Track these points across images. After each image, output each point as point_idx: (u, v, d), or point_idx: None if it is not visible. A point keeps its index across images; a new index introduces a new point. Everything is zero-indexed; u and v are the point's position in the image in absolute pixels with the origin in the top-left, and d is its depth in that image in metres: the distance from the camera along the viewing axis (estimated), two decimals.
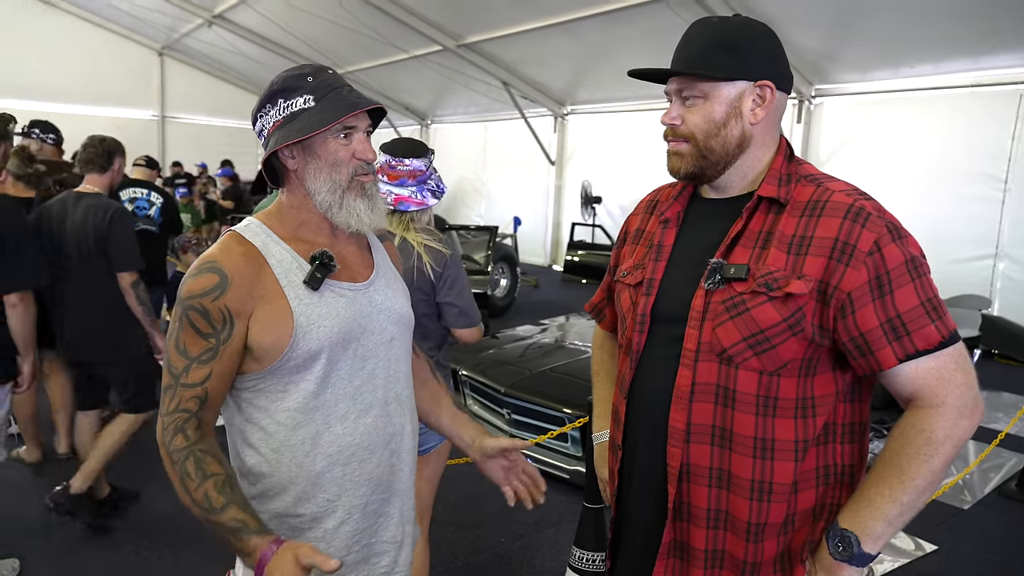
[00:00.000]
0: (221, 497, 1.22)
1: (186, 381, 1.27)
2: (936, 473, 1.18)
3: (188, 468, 1.24)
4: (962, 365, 1.18)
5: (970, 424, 1.18)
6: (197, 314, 1.27)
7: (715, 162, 1.30)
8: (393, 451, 1.44)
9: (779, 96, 1.29)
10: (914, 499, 1.18)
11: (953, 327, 1.19)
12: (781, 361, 1.21)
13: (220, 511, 1.21)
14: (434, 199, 2.35)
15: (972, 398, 1.18)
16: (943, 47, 7.32)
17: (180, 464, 1.24)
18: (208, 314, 1.27)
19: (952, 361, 1.17)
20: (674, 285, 1.34)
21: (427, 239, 2.30)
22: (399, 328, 1.47)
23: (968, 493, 4.02)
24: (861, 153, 8.41)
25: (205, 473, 1.23)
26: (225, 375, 1.30)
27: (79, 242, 3.18)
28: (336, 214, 1.35)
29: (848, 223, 1.18)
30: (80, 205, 3.23)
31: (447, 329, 2.38)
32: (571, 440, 3.87)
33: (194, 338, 1.27)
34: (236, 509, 1.21)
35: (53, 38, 15.06)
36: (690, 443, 1.27)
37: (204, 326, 1.27)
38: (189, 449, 1.25)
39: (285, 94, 1.32)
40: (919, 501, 1.19)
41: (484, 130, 14.47)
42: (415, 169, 2.30)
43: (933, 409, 1.17)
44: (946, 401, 1.17)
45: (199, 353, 1.27)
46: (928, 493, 1.19)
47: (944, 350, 1.17)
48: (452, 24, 10.65)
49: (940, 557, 3.32)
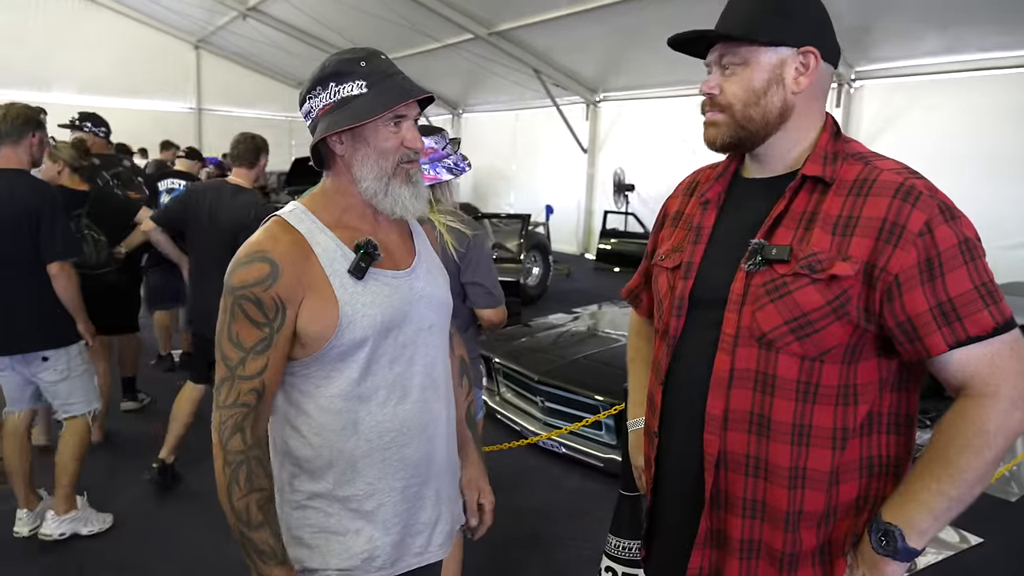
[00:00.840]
0: (261, 515, 1.26)
1: (243, 373, 1.27)
2: (987, 466, 1.12)
3: (239, 475, 1.26)
4: (1018, 353, 1.12)
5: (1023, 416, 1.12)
6: (251, 303, 1.26)
7: (754, 132, 1.25)
8: (430, 437, 1.44)
9: (824, 67, 1.25)
10: (963, 493, 1.13)
11: (1009, 313, 1.13)
12: (825, 346, 1.17)
13: (256, 528, 1.26)
14: (449, 175, 2.36)
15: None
16: (991, 22, 7.03)
17: (233, 468, 1.26)
18: (262, 303, 1.26)
19: (1007, 348, 1.12)
20: (713, 268, 1.30)
21: (451, 220, 2.30)
22: (438, 315, 1.47)
23: (1016, 485, 3.91)
24: (903, 138, 8.15)
25: (253, 486, 1.26)
26: (279, 364, 1.31)
27: (223, 230, 3.38)
28: (381, 201, 1.35)
29: (898, 202, 1.13)
30: (239, 199, 3.54)
31: (473, 312, 2.38)
32: (605, 428, 3.85)
33: (248, 328, 1.27)
34: (269, 533, 1.27)
35: (92, 32, 15.36)
36: (728, 431, 1.24)
37: (258, 316, 1.27)
38: (245, 455, 1.26)
39: (337, 78, 1.31)
40: (968, 495, 1.14)
41: (515, 118, 14.43)
42: (427, 147, 2.32)
43: (985, 399, 1.12)
44: (999, 391, 1.11)
45: (254, 343, 1.27)
46: (979, 487, 1.14)
47: (998, 337, 1.11)
48: (483, 12, 10.62)
49: (986, 550, 3.23)
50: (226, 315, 1.29)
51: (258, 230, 1.35)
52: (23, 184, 2.95)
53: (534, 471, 4.02)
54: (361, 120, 1.28)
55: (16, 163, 2.97)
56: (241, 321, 1.27)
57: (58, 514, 3.12)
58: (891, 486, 1.24)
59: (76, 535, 3.16)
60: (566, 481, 3.90)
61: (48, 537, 3.11)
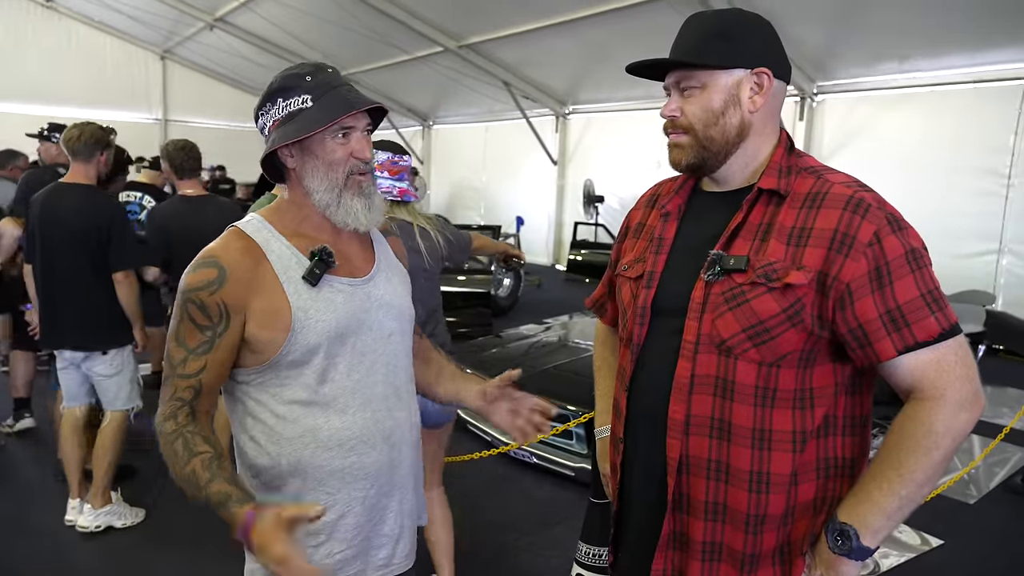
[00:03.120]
0: (206, 473, 1.24)
1: (183, 372, 1.31)
2: (936, 467, 1.17)
3: (177, 447, 1.27)
4: (962, 357, 1.17)
5: (970, 417, 1.17)
6: (195, 307, 1.29)
7: (716, 152, 1.30)
8: (392, 445, 1.45)
9: (777, 84, 1.30)
10: (913, 493, 1.18)
11: (954, 319, 1.18)
12: (780, 352, 1.21)
13: (205, 486, 1.23)
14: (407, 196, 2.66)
15: (972, 391, 1.17)
16: (946, 42, 7.30)
17: (171, 443, 1.28)
18: (205, 307, 1.29)
19: (952, 353, 1.17)
20: (675, 278, 1.34)
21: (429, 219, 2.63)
22: (398, 323, 1.48)
23: (974, 488, 4.01)
24: (864, 150, 8.38)
25: (192, 451, 1.26)
26: (220, 367, 1.32)
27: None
28: (334, 212, 1.37)
29: (848, 214, 1.18)
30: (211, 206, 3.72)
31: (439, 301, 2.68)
32: (576, 438, 3.88)
33: (191, 330, 1.30)
34: (221, 482, 1.23)
35: (56, 42, 15.10)
36: (689, 435, 1.28)
37: (201, 319, 1.29)
38: (178, 431, 1.28)
39: (284, 93, 1.34)
40: (919, 495, 1.18)
41: (485, 130, 14.48)
42: (408, 165, 2.56)
43: (932, 401, 1.16)
44: (945, 393, 1.16)
45: (196, 345, 1.30)
46: (928, 487, 1.18)
47: (944, 342, 1.16)
48: (453, 25, 10.66)
49: (946, 552, 3.31)
50: (175, 317, 1.33)
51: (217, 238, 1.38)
52: (95, 199, 3.27)
53: (505, 481, 4.03)
54: (305, 133, 1.30)
55: (85, 179, 3.25)
56: (186, 323, 1.31)
57: (94, 507, 3.32)
58: (847, 486, 1.28)
59: (111, 527, 3.35)
60: (537, 491, 3.91)
61: (85, 529, 3.31)
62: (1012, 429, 4.44)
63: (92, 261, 3.21)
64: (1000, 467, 4.29)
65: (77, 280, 3.24)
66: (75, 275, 3.24)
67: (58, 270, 3.25)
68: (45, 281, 3.30)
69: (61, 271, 3.25)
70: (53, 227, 3.21)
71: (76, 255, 3.21)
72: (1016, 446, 4.51)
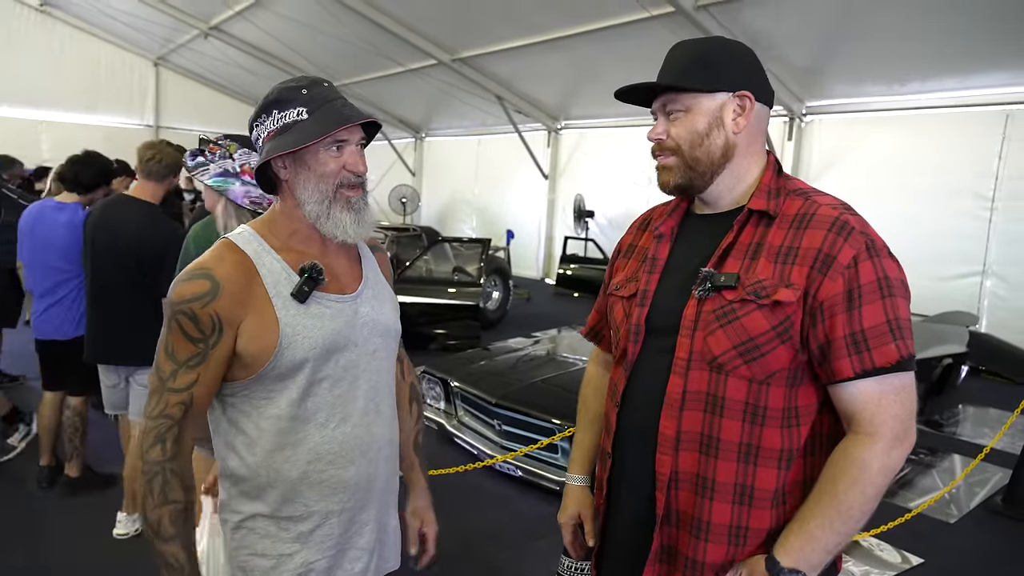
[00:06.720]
0: (172, 528, 1.28)
1: (173, 385, 1.29)
2: (870, 503, 1.21)
3: (154, 486, 1.28)
4: (902, 397, 1.21)
5: (901, 453, 1.21)
6: (187, 319, 1.29)
7: (702, 172, 1.33)
8: (371, 460, 1.46)
9: (759, 107, 1.34)
10: (850, 528, 1.22)
11: (913, 351, 1.22)
12: (770, 369, 1.24)
13: (166, 541, 1.28)
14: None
15: (904, 429, 1.21)
16: (933, 66, 7.41)
17: (149, 478, 1.29)
18: (198, 319, 1.29)
19: (894, 392, 1.21)
20: (667, 296, 1.37)
21: None
22: (383, 340, 1.50)
23: (955, 507, 4.05)
24: (851, 170, 8.49)
25: (167, 498, 1.28)
26: (211, 381, 1.32)
27: None
28: (323, 224, 1.38)
29: (832, 235, 1.22)
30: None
31: None
32: (561, 451, 3.89)
33: (183, 343, 1.29)
34: (179, 547, 1.29)
35: (49, 47, 15.05)
36: (679, 451, 1.30)
37: (193, 331, 1.29)
38: (162, 466, 1.28)
39: (280, 105, 1.36)
40: (854, 529, 1.23)
41: (478, 143, 14.54)
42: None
43: (869, 438, 1.21)
44: (879, 430, 1.20)
45: (187, 358, 1.29)
46: (863, 522, 1.23)
47: (892, 375, 1.20)
48: (447, 39, 10.73)
49: (926, 570, 3.34)
50: (165, 329, 1.32)
51: (208, 250, 1.39)
52: (156, 221, 3.22)
53: (490, 494, 4.03)
54: (300, 144, 1.32)
55: (151, 198, 3.24)
56: (177, 335, 1.30)
57: (129, 513, 3.39)
58: None
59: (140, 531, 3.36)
60: (522, 504, 3.92)
61: (124, 536, 3.37)
62: (992, 449, 4.49)
63: (144, 279, 3.17)
64: (980, 487, 4.33)
65: (133, 298, 3.20)
66: (127, 290, 3.20)
67: (107, 283, 3.23)
68: (96, 292, 3.27)
69: (110, 285, 3.22)
70: (108, 237, 3.18)
71: (127, 271, 3.17)
72: (996, 466, 4.56)
